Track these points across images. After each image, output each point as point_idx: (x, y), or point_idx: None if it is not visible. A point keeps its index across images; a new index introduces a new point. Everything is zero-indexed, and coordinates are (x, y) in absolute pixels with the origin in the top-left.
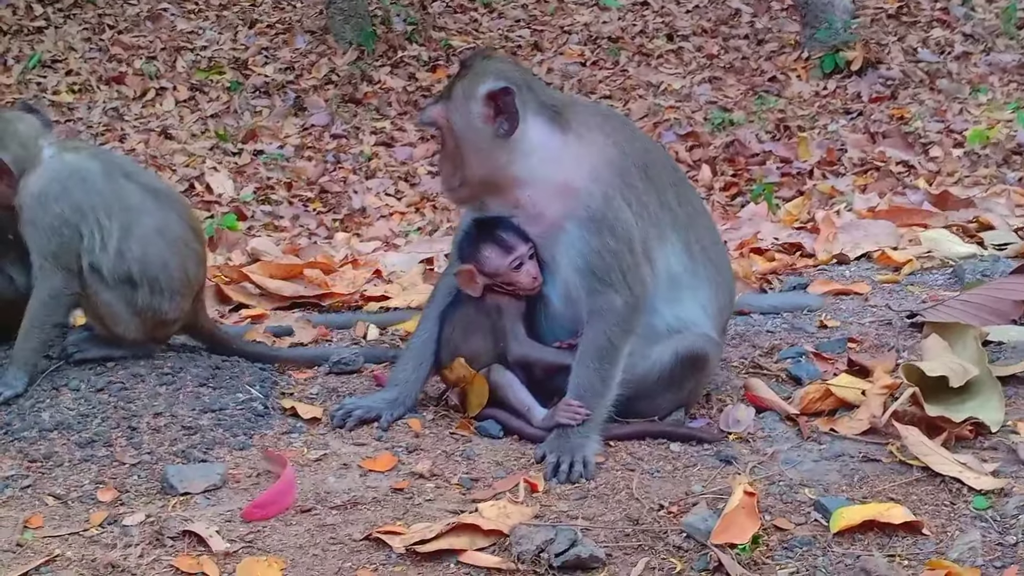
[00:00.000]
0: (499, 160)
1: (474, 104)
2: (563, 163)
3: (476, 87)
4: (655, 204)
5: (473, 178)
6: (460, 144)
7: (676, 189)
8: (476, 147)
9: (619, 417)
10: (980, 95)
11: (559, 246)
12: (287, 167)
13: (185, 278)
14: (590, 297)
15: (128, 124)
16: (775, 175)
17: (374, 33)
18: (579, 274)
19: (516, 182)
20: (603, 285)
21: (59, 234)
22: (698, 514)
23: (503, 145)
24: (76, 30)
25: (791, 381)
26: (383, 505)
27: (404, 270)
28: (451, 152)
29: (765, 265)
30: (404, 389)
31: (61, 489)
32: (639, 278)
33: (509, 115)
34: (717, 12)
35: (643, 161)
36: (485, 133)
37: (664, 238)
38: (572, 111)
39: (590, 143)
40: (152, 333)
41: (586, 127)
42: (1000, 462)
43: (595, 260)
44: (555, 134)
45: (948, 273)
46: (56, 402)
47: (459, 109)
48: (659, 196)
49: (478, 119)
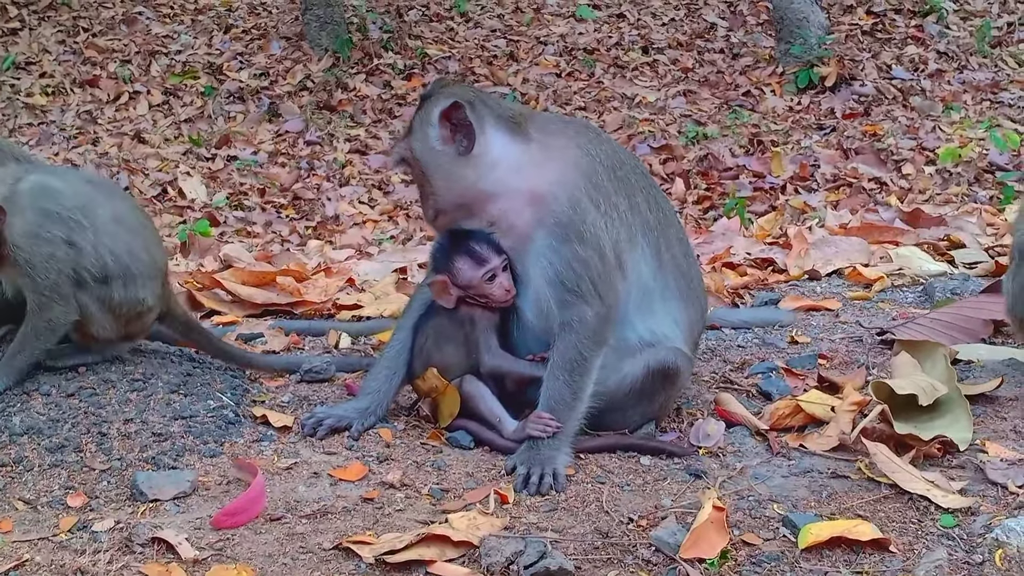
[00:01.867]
0: (466, 179)
1: (430, 128)
2: (527, 171)
3: (430, 111)
4: (625, 206)
5: (446, 203)
6: (426, 171)
7: (646, 193)
8: (441, 170)
9: (590, 430)
10: (953, 113)
11: (529, 257)
12: (260, 173)
13: (151, 260)
14: (561, 309)
15: (101, 127)
16: (748, 189)
17: (350, 40)
18: (550, 285)
19: (486, 197)
20: (574, 296)
21: (56, 260)
22: (667, 528)
23: (467, 162)
24: (51, 32)
25: (761, 396)
26: (353, 515)
27: (377, 279)
28: (421, 183)
29: (737, 280)
30: (376, 399)
31: (31, 494)
32: (611, 287)
33: (465, 130)
34: (693, 26)
35: (611, 162)
36: (447, 154)
37: (635, 242)
38: (531, 120)
39: (552, 148)
40: (129, 329)
41: (547, 133)
42: (968, 480)
43: (565, 270)
44: (516, 143)
45: (918, 291)
46: (27, 407)
47: (419, 138)
48: (629, 199)
49: (437, 142)
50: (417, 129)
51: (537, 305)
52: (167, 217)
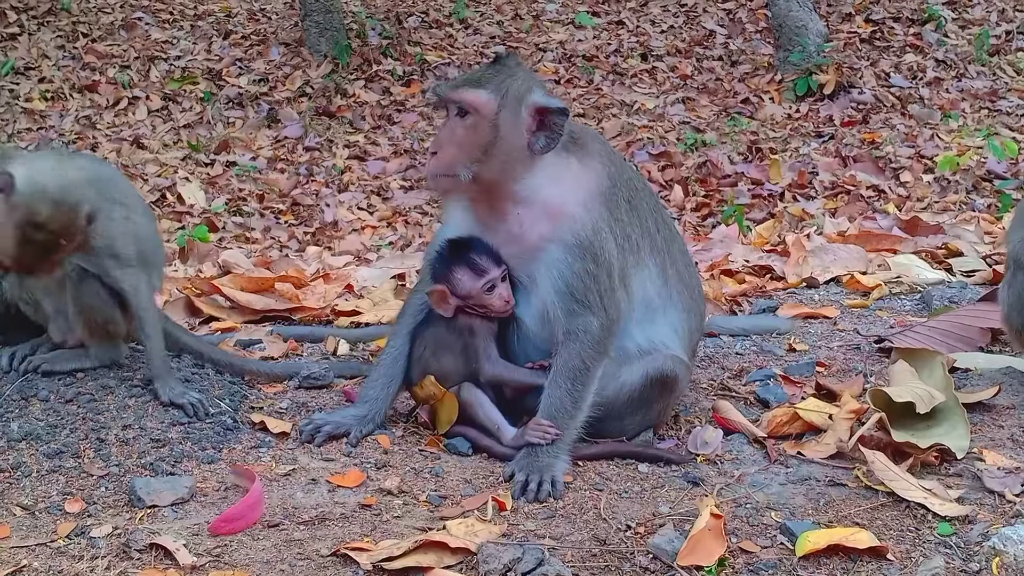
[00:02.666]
0: (515, 172)
1: (524, 111)
2: (562, 187)
3: (529, 96)
4: (637, 234)
5: (482, 177)
6: (493, 142)
7: (655, 216)
8: (506, 152)
9: (588, 437)
10: (951, 121)
11: (540, 266)
12: (259, 179)
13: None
14: (567, 318)
15: (100, 133)
16: (747, 197)
17: (349, 46)
18: (558, 295)
19: (514, 197)
20: (581, 307)
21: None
22: (665, 535)
23: (527, 160)
24: (50, 37)
25: (759, 404)
26: (351, 521)
27: (375, 285)
28: (473, 141)
29: (735, 287)
30: (374, 406)
31: (28, 500)
32: (615, 302)
33: (552, 135)
34: (692, 33)
35: (628, 192)
36: (520, 142)
37: (642, 264)
38: (582, 136)
39: (589, 170)
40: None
41: (587, 153)
42: (965, 488)
43: (576, 282)
44: (563, 158)
45: (916, 299)
46: (25, 412)
47: (510, 109)
48: (641, 225)
49: (523, 126)
50: (511, 100)
51: (541, 313)
52: (166, 223)
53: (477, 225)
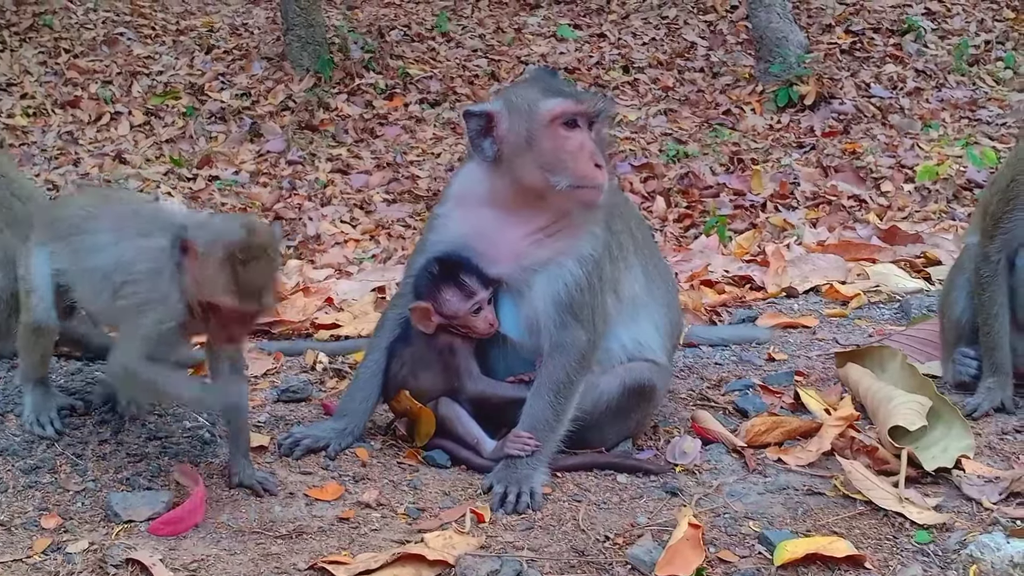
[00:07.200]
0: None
1: None
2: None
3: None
4: (627, 240)
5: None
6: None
7: (635, 217)
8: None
9: (567, 448)
10: (931, 131)
11: (544, 274)
12: (242, 193)
13: None
14: (558, 330)
15: (83, 148)
16: (728, 207)
17: (331, 60)
18: (555, 306)
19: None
20: (574, 320)
21: None
22: (643, 546)
23: None
24: (32, 53)
25: (738, 414)
26: (329, 535)
27: (356, 298)
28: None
29: (715, 297)
30: (353, 419)
31: (4, 515)
32: (604, 317)
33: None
34: (673, 45)
35: (617, 199)
36: None
37: (629, 266)
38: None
39: (615, 191)
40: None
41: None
42: (943, 497)
43: (576, 295)
44: None
45: (895, 308)
46: (1, 428)
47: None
48: (628, 230)
49: None
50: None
51: (529, 324)
52: None
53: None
